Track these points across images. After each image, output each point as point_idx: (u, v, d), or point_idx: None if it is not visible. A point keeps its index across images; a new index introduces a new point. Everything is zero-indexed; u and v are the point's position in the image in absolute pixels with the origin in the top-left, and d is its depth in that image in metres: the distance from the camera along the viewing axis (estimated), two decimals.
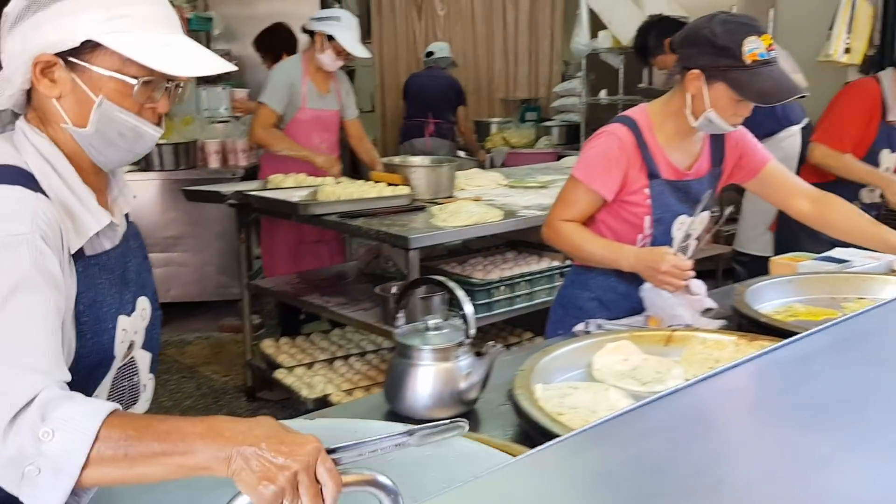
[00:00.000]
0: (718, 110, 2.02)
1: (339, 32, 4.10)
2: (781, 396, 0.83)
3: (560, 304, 2.39)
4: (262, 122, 4.16)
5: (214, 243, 5.17)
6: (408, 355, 1.54)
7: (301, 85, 4.19)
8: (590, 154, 2.16)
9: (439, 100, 6.55)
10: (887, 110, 3.26)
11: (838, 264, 2.44)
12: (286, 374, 3.66)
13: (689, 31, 2.06)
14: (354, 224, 3.19)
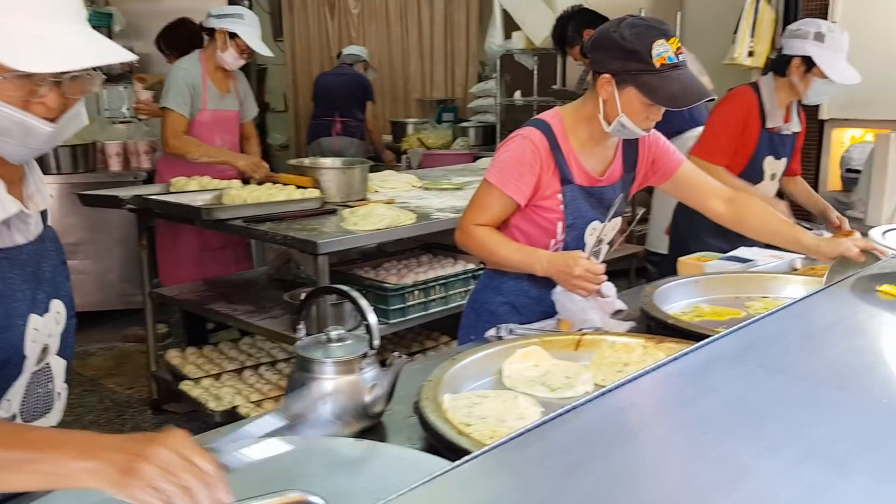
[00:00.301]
0: (630, 115, 2.01)
1: (242, 30, 3.97)
2: (683, 409, 0.81)
3: (472, 308, 2.35)
4: (173, 130, 3.98)
5: (116, 249, 4.97)
6: (309, 369, 1.47)
7: (202, 85, 4.03)
8: (503, 158, 2.12)
9: (345, 98, 6.48)
10: (766, 117, 3.30)
11: (743, 263, 2.50)
12: (192, 386, 3.52)
13: (599, 36, 2.04)
14: (261, 229, 3.08)
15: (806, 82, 3.20)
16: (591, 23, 4.17)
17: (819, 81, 3.17)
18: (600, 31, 2.04)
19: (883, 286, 1.25)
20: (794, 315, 1.10)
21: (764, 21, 4.93)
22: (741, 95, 3.34)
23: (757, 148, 3.32)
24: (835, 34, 3.09)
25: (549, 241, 2.17)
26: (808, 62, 3.14)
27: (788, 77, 3.21)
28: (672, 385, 0.88)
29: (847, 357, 0.97)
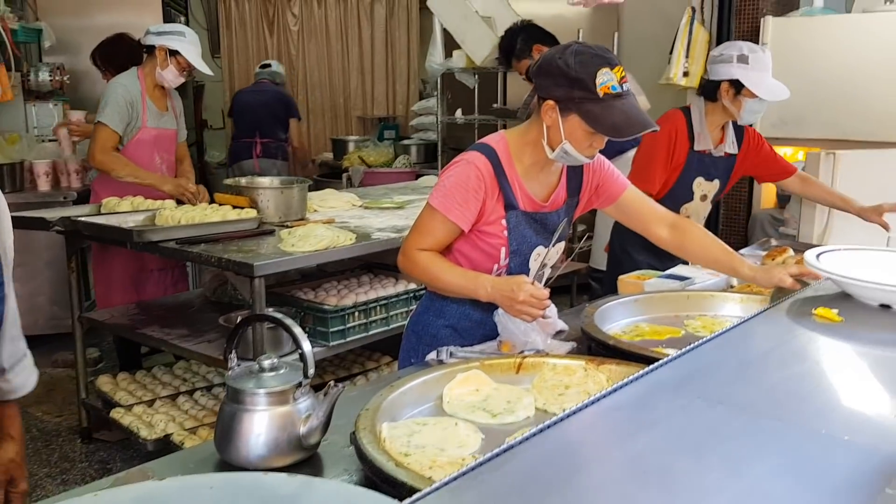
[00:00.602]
0: (573, 142, 1.99)
1: (183, 47, 3.90)
2: (622, 447, 0.78)
3: (413, 332, 2.31)
4: (102, 145, 3.85)
5: (45, 272, 4.81)
6: (239, 400, 1.41)
7: (141, 102, 3.95)
8: (447, 183, 2.07)
9: (266, 117, 6.28)
10: (694, 139, 3.35)
11: (681, 281, 2.51)
12: (124, 414, 3.40)
13: (544, 61, 2.01)
14: (195, 251, 2.99)
15: (738, 104, 3.25)
16: (541, 39, 4.19)
17: (750, 101, 3.23)
18: (545, 57, 2.01)
19: (818, 309, 1.26)
20: (732, 341, 1.09)
21: (698, 42, 5.04)
22: (669, 119, 3.38)
23: (685, 169, 3.35)
24: (757, 54, 3.16)
25: (492, 265, 2.15)
26: (736, 85, 3.20)
27: (720, 101, 3.27)
28: (611, 420, 0.85)
29: (785, 385, 0.96)
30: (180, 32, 3.97)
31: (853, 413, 0.91)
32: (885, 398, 0.95)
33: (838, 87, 4.32)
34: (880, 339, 1.28)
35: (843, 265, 1.52)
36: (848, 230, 3.32)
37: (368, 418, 1.45)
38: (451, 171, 2.09)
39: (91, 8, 6.17)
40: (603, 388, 1.67)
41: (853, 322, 1.29)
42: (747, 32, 4.88)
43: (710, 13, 5.08)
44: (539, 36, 4.20)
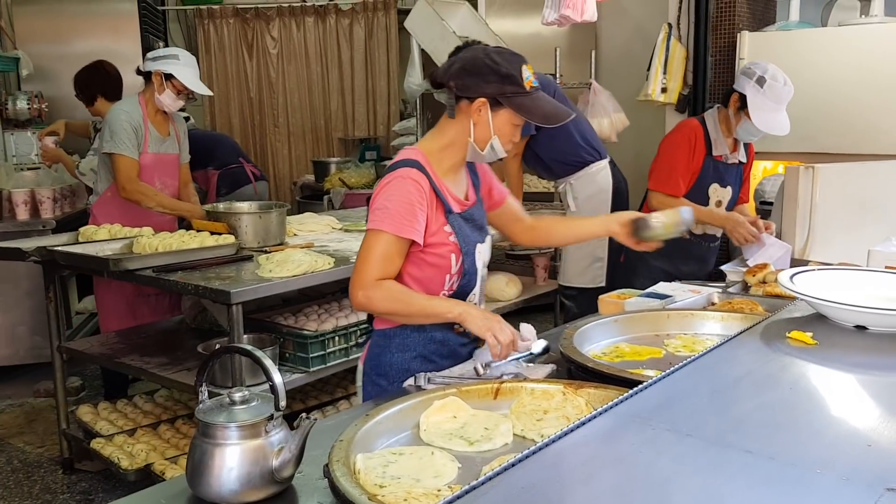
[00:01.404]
0: (501, 137, 2.08)
1: (178, 71, 3.91)
2: (589, 485, 0.76)
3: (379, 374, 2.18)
4: (127, 175, 3.85)
5: (25, 301, 4.75)
6: (210, 434, 1.39)
7: (143, 128, 3.95)
8: (389, 204, 2.02)
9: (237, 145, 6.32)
10: (712, 146, 3.43)
11: (661, 300, 2.50)
12: (105, 444, 3.36)
13: (467, 63, 2.04)
14: (172, 279, 2.96)
15: (737, 119, 3.32)
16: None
17: (747, 122, 3.29)
18: (466, 60, 2.05)
19: (792, 332, 1.24)
20: (704, 368, 1.07)
21: (675, 58, 5.06)
22: (686, 125, 3.49)
23: (702, 174, 3.43)
24: (776, 84, 3.21)
25: (444, 277, 2.12)
26: (742, 100, 3.25)
27: (728, 108, 3.34)
28: (577, 456, 0.83)
29: (757, 414, 0.94)
30: (174, 56, 3.98)
31: (826, 444, 0.89)
32: (859, 426, 0.94)
33: (816, 100, 4.34)
34: (855, 363, 1.26)
35: (818, 286, 1.50)
36: (829, 243, 3.33)
37: (343, 450, 1.43)
38: (389, 192, 2.04)
39: (69, 36, 6.15)
40: (582, 412, 1.65)
41: (827, 345, 1.28)
42: (724, 48, 4.91)
43: (687, 29, 5.11)
44: None
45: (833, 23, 4.66)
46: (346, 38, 7.67)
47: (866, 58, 4.21)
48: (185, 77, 3.91)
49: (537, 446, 0.81)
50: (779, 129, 3.29)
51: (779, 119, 3.28)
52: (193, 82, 3.96)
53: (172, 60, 3.94)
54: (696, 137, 3.43)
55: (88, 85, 4.53)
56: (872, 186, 3.72)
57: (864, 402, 1.05)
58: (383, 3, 7.61)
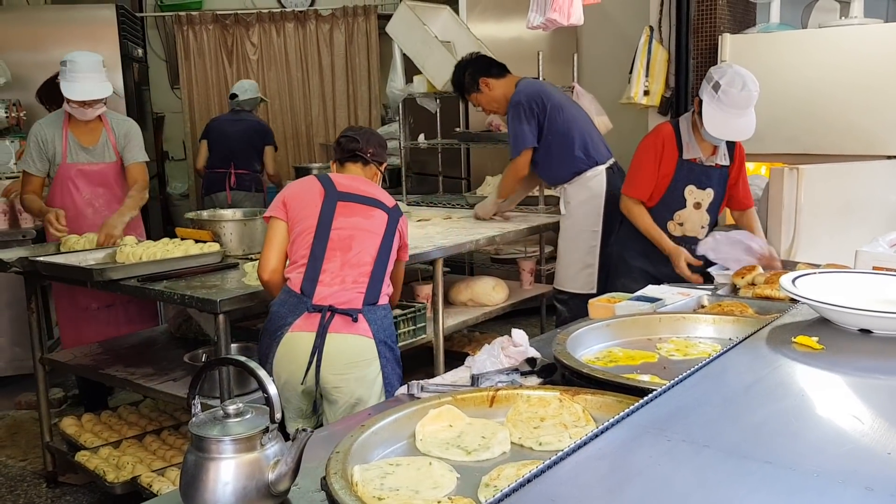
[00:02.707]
0: None
1: (63, 82, 3.75)
2: (608, 501, 0.74)
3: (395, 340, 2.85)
4: (23, 190, 3.91)
5: (5, 312, 4.69)
6: (204, 448, 1.36)
7: (60, 140, 3.85)
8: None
9: (242, 147, 6.14)
10: (683, 148, 3.43)
11: (652, 303, 2.49)
12: (90, 456, 3.31)
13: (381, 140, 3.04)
14: (157, 288, 2.92)
15: (700, 122, 3.31)
16: (487, 70, 4.22)
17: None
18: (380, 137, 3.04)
19: (798, 337, 1.23)
20: (713, 375, 1.06)
21: (657, 61, 5.08)
22: (658, 130, 3.52)
23: (675, 177, 3.44)
24: (732, 90, 3.19)
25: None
26: (700, 105, 3.26)
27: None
28: (597, 469, 0.81)
29: (772, 423, 0.93)
30: (63, 63, 3.80)
31: (845, 452, 0.88)
32: (876, 433, 0.93)
33: (798, 101, 4.37)
34: (863, 367, 1.26)
35: (820, 290, 1.50)
36: (814, 244, 3.34)
37: (339, 461, 1.40)
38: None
39: (46, 43, 6.07)
40: (579, 418, 1.63)
41: (834, 349, 1.27)
42: (706, 50, 4.93)
43: (668, 32, 5.12)
44: (485, 68, 4.24)
45: (813, 24, 4.69)
46: (326, 43, 7.64)
47: (846, 59, 4.24)
48: (67, 89, 3.73)
49: (553, 459, 0.79)
50: (736, 135, 3.29)
51: (736, 124, 3.24)
52: (73, 90, 3.72)
53: (62, 68, 3.78)
54: (664, 142, 3.43)
55: (52, 97, 4.46)
56: (856, 187, 3.75)
57: (878, 407, 1.04)
58: (363, 8, 7.59)
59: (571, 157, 4.10)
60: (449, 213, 4.79)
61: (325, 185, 2.77)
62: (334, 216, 2.70)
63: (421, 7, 5.50)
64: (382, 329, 2.69)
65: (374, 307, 2.68)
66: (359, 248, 2.70)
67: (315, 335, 2.59)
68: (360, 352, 2.65)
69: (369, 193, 2.81)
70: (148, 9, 7.83)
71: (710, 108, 3.23)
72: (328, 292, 2.63)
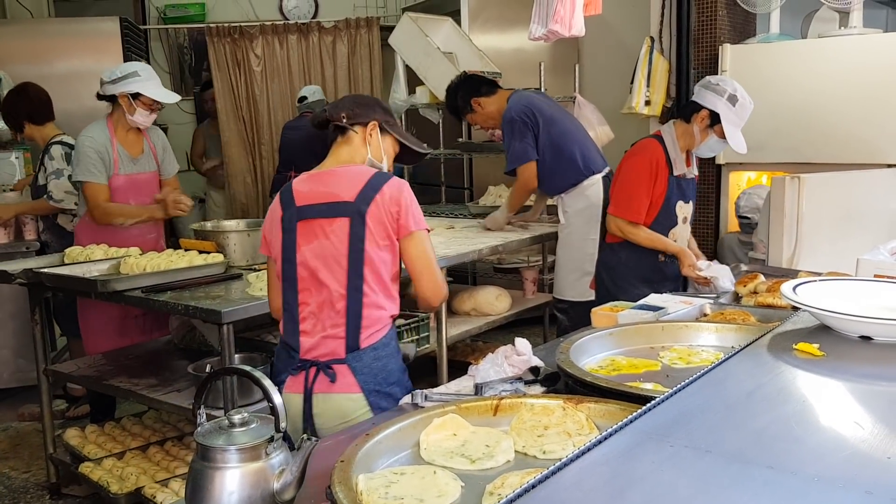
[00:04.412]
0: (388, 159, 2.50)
1: (143, 86, 3.87)
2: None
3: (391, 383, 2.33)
4: (95, 202, 3.87)
5: (9, 324, 4.71)
6: (210, 458, 1.37)
7: (110, 151, 3.91)
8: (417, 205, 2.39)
9: (301, 151, 6.24)
10: (673, 165, 3.42)
11: (654, 311, 2.50)
12: (93, 468, 3.31)
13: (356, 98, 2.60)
14: (161, 299, 2.93)
15: (704, 135, 3.33)
16: (477, 90, 4.26)
17: (714, 139, 3.32)
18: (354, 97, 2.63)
19: (799, 344, 1.24)
20: (714, 382, 1.06)
21: (658, 71, 5.10)
22: (647, 148, 3.44)
23: (667, 195, 3.43)
24: (745, 103, 3.25)
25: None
26: (713, 117, 3.27)
27: (692, 125, 3.33)
28: (600, 475, 0.82)
29: (774, 428, 0.94)
30: (134, 73, 3.91)
31: (846, 457, 0.88)
32: (877, 438, 0.93)
33: (798, 111, 4.39)
34: (864, 374, 1.27)
35: (820, 297, 1.51)
36: (816, 252, 3.35)
37: (344, 470, 1.41)
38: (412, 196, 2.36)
39: (50, 56, 6.12)
40: (582, 427, 1.64)
41: (835, 356, 1.28)
42: (706, 60, 4.95)
43: (669, 42, 5.15)
44: (475, 88, 4.29)
45: (813, 35, 4.71)
46: (329, 55, 7.67)
47: (846, 69, 4.27)
48: (152, 91, 3.88)
49: (557, 466, 0.80)
50: (741, 147, 3.35)
51: (742, 138, 3.33)
52: (160, 93, 3.93)
53: (135, 78, 3.88)
54: (658, 161, 3.41)
55: (13, 112, 4.49)
56: (856, 195, 3.76)
57: (878, 413, 1.05)
58: (366, 20, 7.62)
59: (567, 167, 4.12)
60: (452, 223, 4.81)
61: (285, 201, 2.36)
62: (296, 247, 2.30)
63: (423, 19, 5.54)
64: (372, 376, 2.25)
65: (359, 353, 2.25)
66: (329, 280, 2.27)
67: (302, 398, 2.28)
68: (349, 410, 2.27)
69: (330, 196, 2.31)
70: (151, 21, 7.87)
71: (730, 121, 3.25)
72: (310, 343, 2.29)
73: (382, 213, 2.26)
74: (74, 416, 4.59)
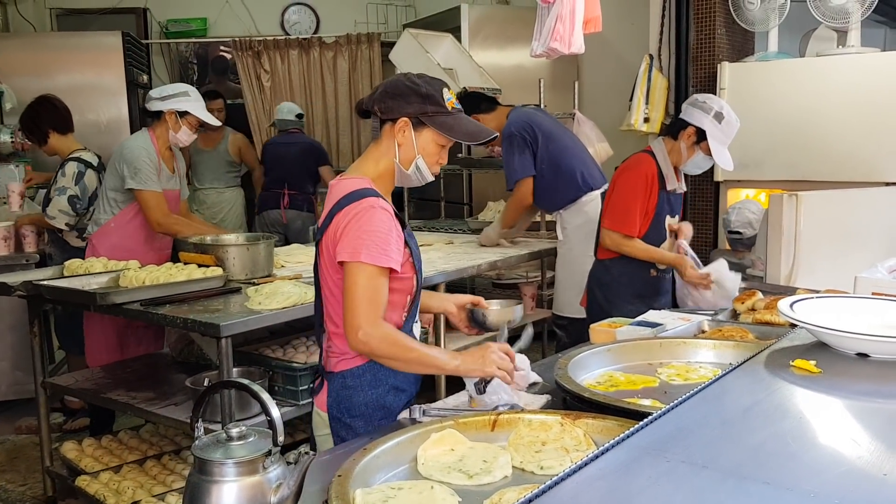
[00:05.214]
0: (425, 157, 2.12)
1: (192, 106, 4.01)
2: None
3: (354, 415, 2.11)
4: (162, 210, 3.97)
5: (7, 336, 4.69)
6: (207, 471, 1.37)
7: (157, 163, 4.02)
8: (372, 236, 1.97)
9: (295, 168, 6.26)
10: (665, 180, 3.45)
11: (653, 328, 2.51)
12: (90, 481, 3.30)
13: (388, 87, 2.11)
14: (160, 312, 2.93)
15: (690, 152, 3.36)
16: (476, 107, 4.28)
17: (700, 155, 3.35)
18: (391, 83, 2.12)
19: (796, 361, 1.25)
20: (711, 398, 1.07)
21: (657, 89, 5.13)
22: (641, 162, 3.46)
23: (658, 209, 3.45)
24: (731, 120, 3.28)
25: (406, 299, 2.14)
26: (699, 134, 3.29)
27: (679, 141, 3.37)
28: (596, 490, 0.82)
29: (770, 444, 0.94)
30: (184, 93, 4.06)
31: (842, 473, 0.89)
32: (873, 455, 0.94)
33: (796, 129, 4.41)
34: (861, 391, 1.27)
35: (817, 314, 1.51)
36: (814, 270, 3.36)
37: (341, 485, 1.41)
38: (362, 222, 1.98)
39: (52, 69, 6.14)
40: (580, 442, 1.64)
41: (832, 373, 1.29)
42: (704, 78, 4.98)
43: (668, 60, 5.18)
44: (474, 105, 4.31)
45: (811, 53, 4.74)
46: (329, 70, 7.70)
47: (844, 87, 4.29)
48: (199, 112, 4.02)
49: (554, 480, 0.80)
50: (727, 164, 3.36)
51: (727, 154, 3.35)
52: (206, 115, 4.08)
53: (184, 98, 4.02)
54: (651, 176, 3.43)
55: (38, 123, 4.50)
56: (854, 213, 3.77)
57: (874, 430, 1.05)
58: (367, 36, 7.66)
59: (566, 183, 4.14)
60: (451, 238, 4.81)
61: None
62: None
63: (424, 35, 5.57)
64: (336, 403, 2.12)
65: (332, 375, 2.14)
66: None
67: None
68: (318, 426, 2.21)
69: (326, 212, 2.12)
70: (153, 36, 7.90)
71: (716, 139, 3.27)
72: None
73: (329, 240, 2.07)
74: (72, 429, 4.57)
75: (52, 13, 7.61)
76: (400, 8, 8.24)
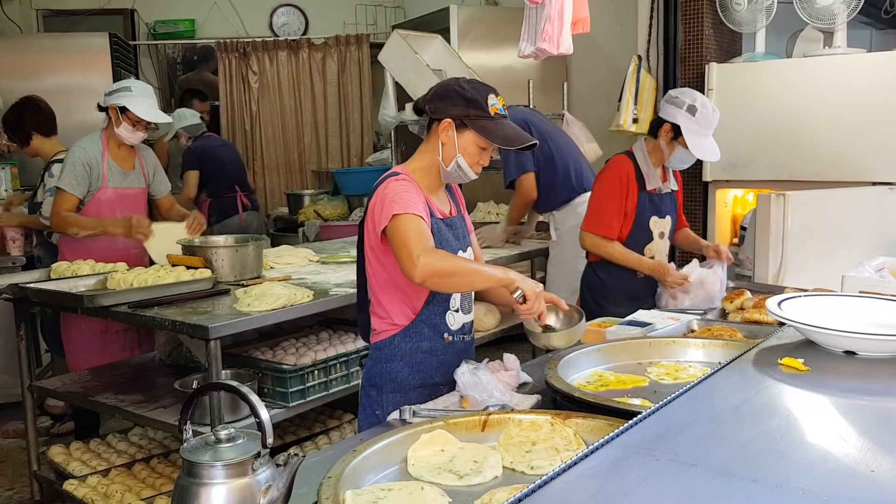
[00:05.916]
0: (466, 156, 2.26)
1: (131, 102, 3.88)
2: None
3: (371, 385, 2.34)
4: (58, 209, 3.88)
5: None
6: (196, 474, 1.36)
7: (101, 164, 3.94)
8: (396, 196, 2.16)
9: (239, 167, 6.25)
10: (644, 180, 3.43)
11: (642, 328, 2.51)
12: (78, 485, 3.28)
13: (439, 89, 2.28)
14: (148, 315, 2.92)
15: (671, 148, 3.35)
16: None
17: (681, 150, 3.33)
18: (441, 86, 2.29)
19: (784, 359, 1.25)
20: (700, 396, 1.07)
21: (646, 89, 5.14)
22: (616, 164, 3.46)
23: (639, 210, 3.42)
24: (706, 111, 3.25)
25: None
26: (675, 130, 3.29)
27: (658, 139, 3.36)
28: (586, 489, 0.82)
29: (759, 442, 0.94)
30: (127, 88, 3.96)
31: (830, 470, 0.89)
32: (860, 452, 0.94)
33: (783, 129, 4.42)
34: (848, 388, 1.28)
35: (805, 312, 1.52)
36: (802, 269, 3.37)
37: (331, 486, 1.40)
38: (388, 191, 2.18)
39: (40, 71, 6.11)
40: (570, 442, 1.64)
41: (820, 371, 1.29)
42: (693, 79, 4.99)
43: (657, 61, 5.19)
44: None
45: (798, 54, 4.76)
46: (318, 71, 7.70)
47: (831, 87, 4.31)
48: (137, 108, 3.89)
49: (543, 480, 0.80)
50: (712, 155, 3.32)
51: (710, 144, 3.30)
52: (147, 112, 3.93)
53: (125, 93, 3.92)
54: (627, 176, 3.40)
55: (20, 123, 4.47)
56: (842, 213, 3.79)
57: (862, 427, 1.06)
58: (356, 37, 7.65)
59: (560, 184, 4.15)
60: None
61: None
62: None
63: (413, 36, 5.56)
64: (368, 369, 2.36)
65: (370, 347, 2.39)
66: None
67: None
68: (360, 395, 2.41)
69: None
70: (141, 37, 7.87)
71: (691, 131, 3.25)
72: None
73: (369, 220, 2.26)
74: (59, 432, 4.54)
75: (39, 14, 7.57)
76: (389, 9, 8.24)
